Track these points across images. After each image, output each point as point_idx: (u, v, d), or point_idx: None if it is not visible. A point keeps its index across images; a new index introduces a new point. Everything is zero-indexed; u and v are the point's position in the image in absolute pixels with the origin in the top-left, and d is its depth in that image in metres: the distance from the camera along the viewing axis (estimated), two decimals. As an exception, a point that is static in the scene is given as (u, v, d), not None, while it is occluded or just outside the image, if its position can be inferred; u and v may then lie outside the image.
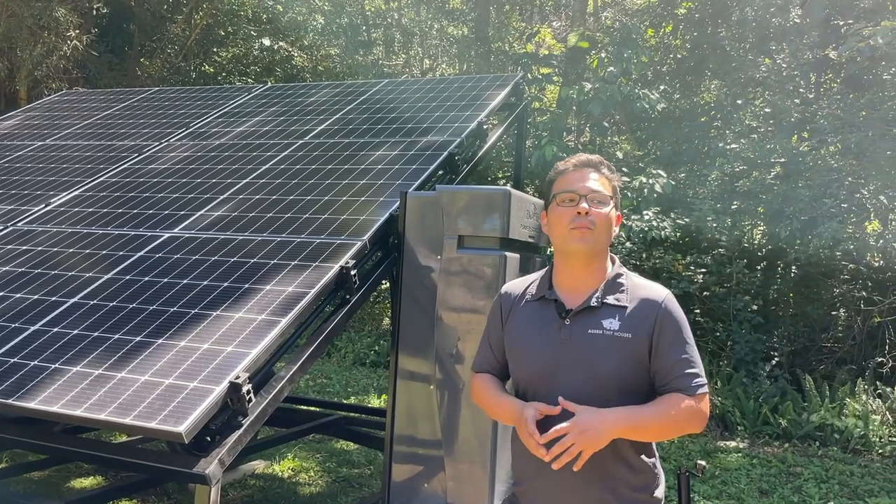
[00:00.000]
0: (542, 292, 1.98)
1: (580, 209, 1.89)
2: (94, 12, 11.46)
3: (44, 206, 4.31)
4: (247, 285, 3.06)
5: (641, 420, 1.79)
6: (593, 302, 1.90)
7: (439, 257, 3.29)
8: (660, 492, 1.95)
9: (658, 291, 1.93)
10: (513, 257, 3.21)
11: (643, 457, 1.91)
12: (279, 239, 3.44)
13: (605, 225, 1.91)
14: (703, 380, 1.87)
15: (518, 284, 2.09)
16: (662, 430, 1.83)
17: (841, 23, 8.43)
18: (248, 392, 2.49)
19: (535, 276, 2.08)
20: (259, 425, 2.58)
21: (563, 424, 1.75)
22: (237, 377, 2.47)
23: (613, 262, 1.99)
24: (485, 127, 4.56)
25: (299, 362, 2.80)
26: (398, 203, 3.47)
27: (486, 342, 2.13)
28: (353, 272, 3.10)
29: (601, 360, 1.85)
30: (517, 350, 1.98)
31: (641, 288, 1.94)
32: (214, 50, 13.75)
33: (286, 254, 3.28)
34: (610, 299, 1.90)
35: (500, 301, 2.09)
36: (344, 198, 3.76)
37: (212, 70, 13.66)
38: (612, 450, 1.85)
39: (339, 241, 3.32)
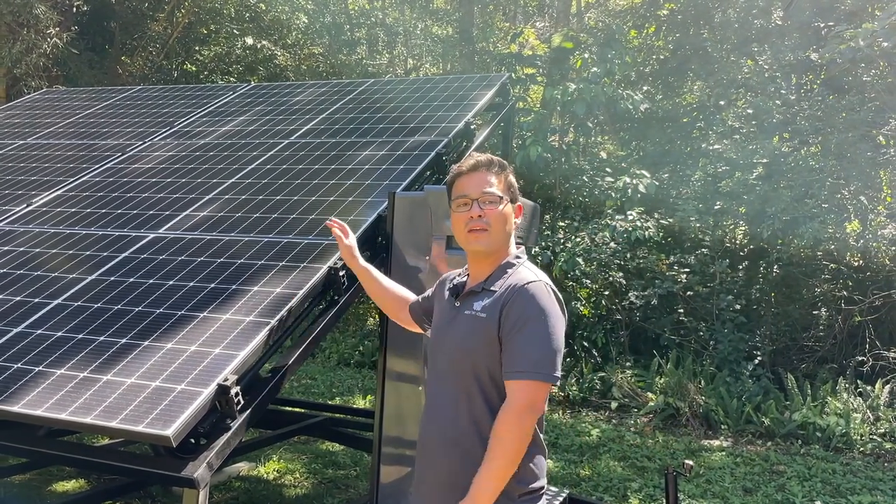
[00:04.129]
0: (455, 280, 2.18)
1: (472, 213, 2.03)
2: (75, 10, 11.32)
3: (25, 205, 4.25)
4: (234, 286, 3.04)
5: (492, 482, 1.84)
6: (475, 287, 2.06)
7: (427, 258, 3.28)
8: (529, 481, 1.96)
9: (524, 277, 2.00)
10: (501, 258, 3.21)
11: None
12: (266, 239, 3.42)
13: (500, 222, 2.04)
14: (538, 366, 1.86)
15: (450, 273, 2.28)
16: (512, 463, 1.86)
17: (822, 25, 8.51)
18: (237, 395, 2.47)
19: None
20: (247, 428, 2.56)
21: None
22: (225, 379, 2.45)
23: (518, 250, 2.12)
24: (472, 127, 4.56)
25: (287, 364, 2.79)
26: (386, 203, 3.46)
27: (426, 297, 2.39)
28: (341, 273, 3.08)
29: (462, 337, 2.00)
30: (430, 332, 2.22)
31: (516, 276, 2.02)
32: (196, 48, 13.63)
33: (274, 254, 3.26)
34: (492, 285, 2.02)
35: (437, 285, 2.31)
36: (332, 198, 3.74)
37: (194, 69, 13.54)
38: (473, 433, 1.93)
39: (326, 242, 3.30)
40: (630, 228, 7.72)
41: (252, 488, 4.87)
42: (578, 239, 8.01)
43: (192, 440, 2.40)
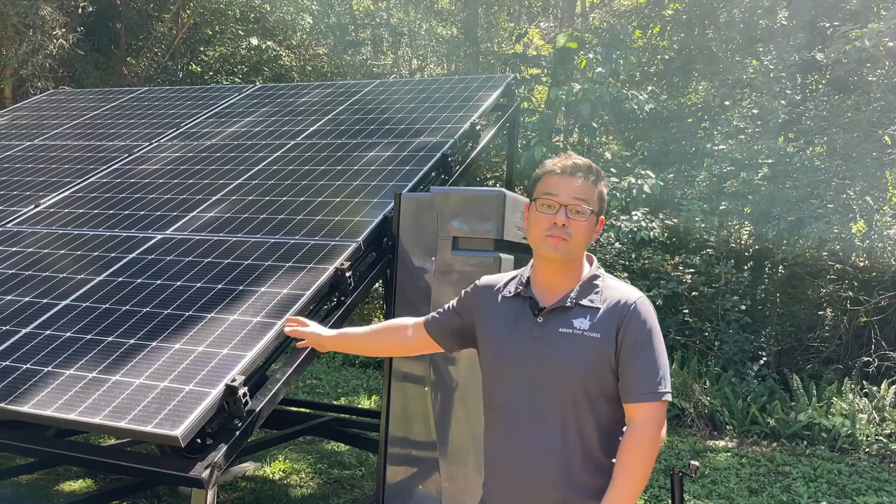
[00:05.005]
0: (519, 290, 1.98)
1: (557, 220, 1.88)
2: (80, 11, 11.36)
3: (33, 206, 4.27)
4: (241, 287, 3.05)
5: (634, 490, 1.80)
6: (567, 302, 1.90)
7: (433, 259, 3.28)
8: None
9: (630, 293, 1.92)
10: (507, 259, 3.21)
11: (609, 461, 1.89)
12: (273, 240, 3.43)
13: (583, 235, 1.90)
14: (662, 386, 1.83)
15: (495, 279, 2.09)
16: (642, 486, 1.82)
17: (827, 25, 8.50)
18: (245, 395, 2.48)
19: (513, 273, 2.08)
20: (255, 428, 2.57)
21: None
22: (233, 380, 2.46)
23: (591, 262, 1.99)
24: (477, 128, 4.57)
25: (294, 365, 2.79)
26: (392, 204, 3.47)
27: (448, 312, 2.16)
28: (348, 274, 3.09)
29: (569, 359, 1.85)
30: (490, 345, 1.99)
31: (615, 289, 1.92)
32: (201, 49, 13.67)
33: (280, 255, 3.27)
34: (584, 300, 1.90)
35: (475, 293, 2.10)
36: (338, 199, 3.75)
37: (199, 69, 13.58)
38: (580, 453, 1.85)
39: (333, 243, 3.31)
40: (635, 229, 7.73)
41: (258, 488, 4.89)
42: (583, 239, 8.00)
43: (200, 440, 2.41)
